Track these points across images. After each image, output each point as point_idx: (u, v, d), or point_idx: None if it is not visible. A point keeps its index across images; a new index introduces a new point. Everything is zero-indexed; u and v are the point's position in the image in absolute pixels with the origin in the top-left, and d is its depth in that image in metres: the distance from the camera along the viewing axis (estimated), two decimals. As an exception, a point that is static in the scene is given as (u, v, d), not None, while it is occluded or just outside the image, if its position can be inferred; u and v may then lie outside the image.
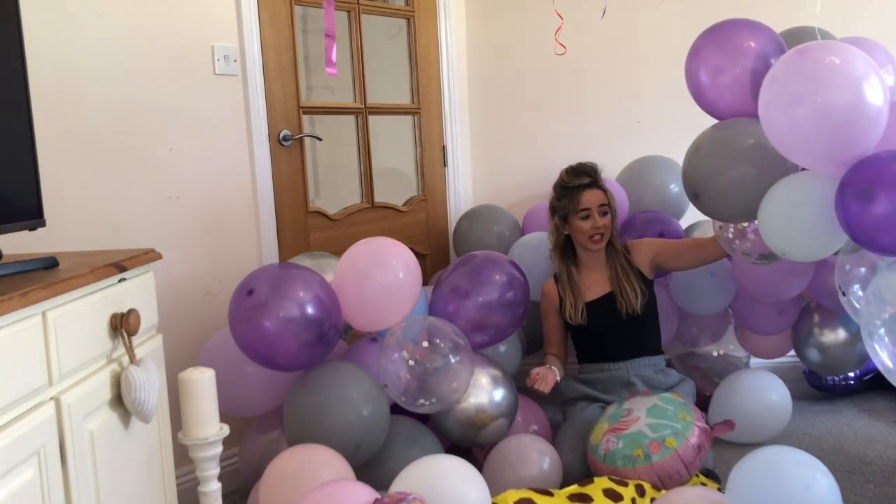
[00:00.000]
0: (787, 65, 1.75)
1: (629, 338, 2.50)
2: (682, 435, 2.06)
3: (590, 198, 2.48)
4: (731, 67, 1.99)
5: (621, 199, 2.82)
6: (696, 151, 2.11)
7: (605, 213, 2.49)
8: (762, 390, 2.57)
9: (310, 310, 2.05)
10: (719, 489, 2.02)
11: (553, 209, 2.56)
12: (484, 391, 2.27)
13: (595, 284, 2.54)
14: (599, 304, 2.51)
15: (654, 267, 2.56)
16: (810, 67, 1.69)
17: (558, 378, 2.39)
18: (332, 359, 2.22)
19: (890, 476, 2.37)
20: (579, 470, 2.21)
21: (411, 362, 2.09)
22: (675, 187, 2.86)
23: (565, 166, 2.63)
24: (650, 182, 2.93)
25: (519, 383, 2.90)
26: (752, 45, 1.98)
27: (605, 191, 2.51)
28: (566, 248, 2.57)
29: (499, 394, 2.29)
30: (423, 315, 2.33)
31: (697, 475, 2.13)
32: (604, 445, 2.12)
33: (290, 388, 2.15)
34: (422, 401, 2.11)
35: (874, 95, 1.66)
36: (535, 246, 2.80)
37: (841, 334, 2.67)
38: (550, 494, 1.92)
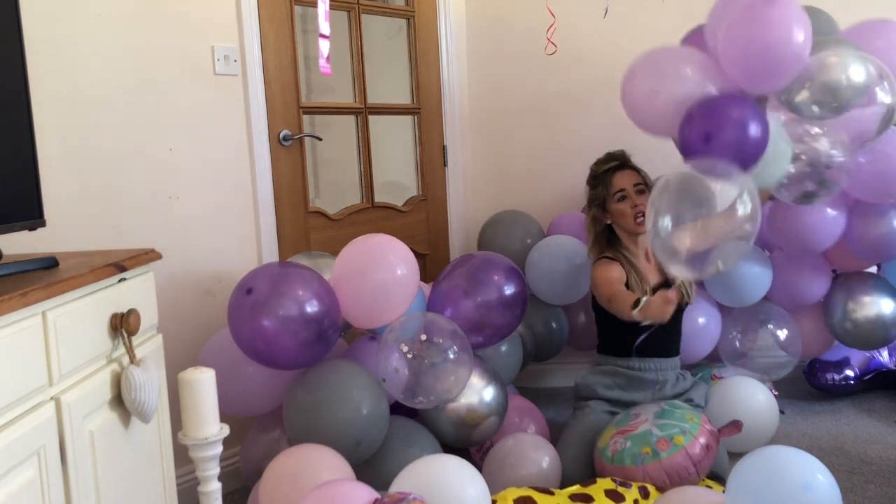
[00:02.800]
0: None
1: (667, 332, 2.38)
2: (691, 434, 2.06)
3: (622, 178, 2.44)
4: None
5: None
6: None
7: (641, 192, 2.41)
8: (749, 396, 2.53)
9: (309, 308, 2.05)
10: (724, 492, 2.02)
11: (589, 203, 2.51)
12: (474, 391, 2.28)
13: (650, 273, 2.43)
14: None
15: None
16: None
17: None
18: (331, 357, 2.22)
19: (890, 476, 2.37)
20: (580, 478, 2.18)
21: (409, 356, 2.09)
22: None
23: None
24: None
25: (522, 384, 2.92)
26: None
27: (637, 170, 2.47)
28: (611, 239, 2.48)
29: (488, 393, 2.30)
30: (422, 311, 2.33)
31: (704, 479, 2.13)
32: (612, 447, 2.12)
33: (290, 387, 2.15)
34: (420, 398, 2.11)
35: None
36: (554, 250, 2.80)
37: (872, 304, 2.69)
38: (551, 493, 1.92)
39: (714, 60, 2.22)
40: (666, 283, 2.39)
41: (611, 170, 2.46)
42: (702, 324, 2.72)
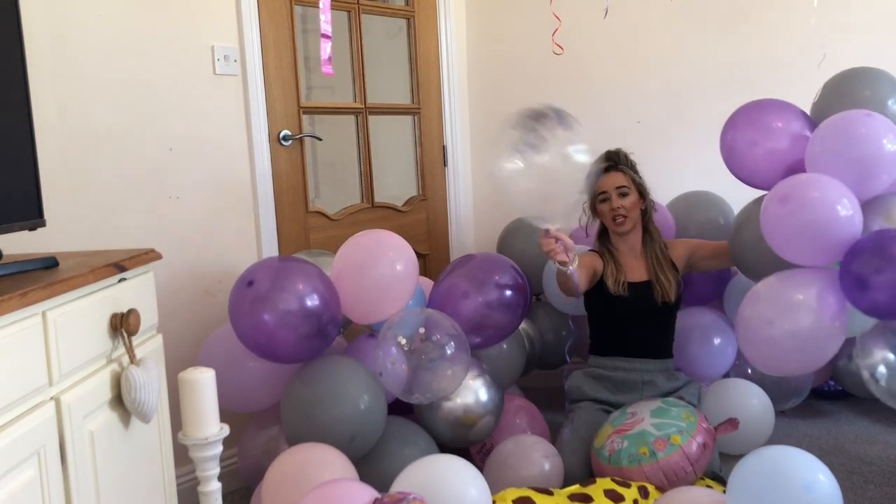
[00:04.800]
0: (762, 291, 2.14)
1: (653, 331, 2.48)
2: (688, 433, 2.06)
3: (607, 181, 2.48)
4: (763, 141, 2.31)
5: (668, 224, 2.77)
6: None
7: (623, 195, 2.46)
8: (745, 399, 2.53)
9: (309, 302, 2.06)
10: (724, 492, 2.02)
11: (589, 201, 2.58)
12: (470, 391, 2.28)
13: (634, 270, 2.51)
14: (638, 288, 2.47)
15: (689, 266, 2.57)
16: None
17: (574, 263, 2.17)
18: (330, 354, 2.22)
19: (890, 476, 2.37)
20: (581, 474, 2.20)
21: (407, 351, 2.09)
22: (720, 221, 2.82)
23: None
24: (695, 218, 2.86)
25: (523, 383, 2.91)
26: (780, 124, 2.30)
27: (625, 173, 2.49)
28: (603, 236, 2.58)
29: (484, 393, 2.30)
30: (421, 307, 2.33)
31: (703, 478, 2.13)
32: (608, 447, 2.12)
33: (289, 382, 2.16)
34: (416, 393, 2.11)
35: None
36: None
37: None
38: (550, 493, 1.91)
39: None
40: (647, 283, 2.47)
41: (599, 171, 2.49)
42: (717, 344, 2.67)
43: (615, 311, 2.48)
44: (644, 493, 1.96)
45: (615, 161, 2.51)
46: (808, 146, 2.18)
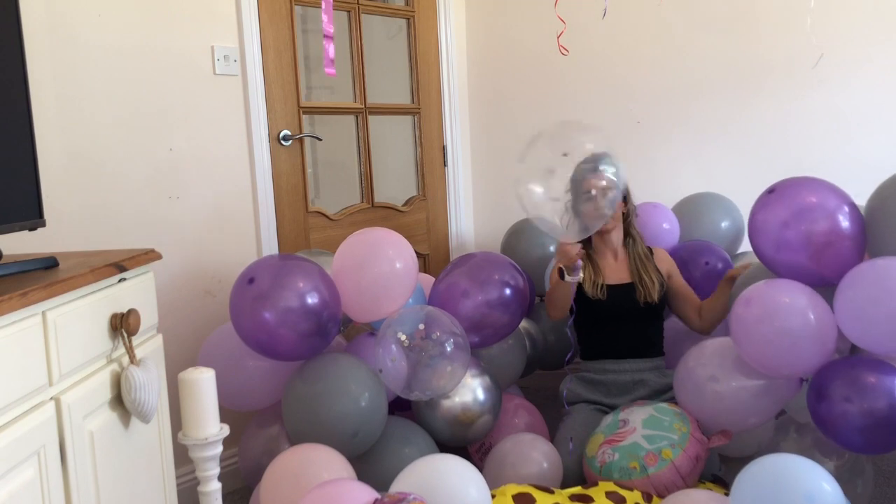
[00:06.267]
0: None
1: (639, 332, 2.48)
2: (679, 446, 2.03)
3: (592, 181, 2.48)
4: (796, 224, 1.99)
5: (674, 228, 2.77)
6: None
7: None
8: None
9: (309, 300, 2.07)
10: (725, 494, 2.01)
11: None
12: (468, 390, 2.28)
13: (614, 272, 2.51)
14: (618, 291, 2.47)
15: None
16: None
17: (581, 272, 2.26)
18: (330, 351, 2.23)
19: (890, 476, 2.37)
20: (579, 472, 2.20)
21: (407, 349, 2.10)
22: (726, 223, 2.81)
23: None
24: (701, 221, 2.84)
25: (524, 384, 2.91)
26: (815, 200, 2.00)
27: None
28: (585, 240, 2.49)
29: (482, 392, 2.30)
30: (421, 304, 2.33)
31: (703, 482, 2.12)
32: (600, 458, 2.10)
33: (289, 380, 2.16)
34: (416, 391, 2.12)
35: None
36: None
37: None
38: (551, 492, 1.91)
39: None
40: (629, 285, 2.47)
41: (585, 171, 2.50)
42: None
43: (595, 315, 2.47)
44: (647, 496, 1.95)
45: (598, 163, 2.51)
46: (839, 290, 1.94)
